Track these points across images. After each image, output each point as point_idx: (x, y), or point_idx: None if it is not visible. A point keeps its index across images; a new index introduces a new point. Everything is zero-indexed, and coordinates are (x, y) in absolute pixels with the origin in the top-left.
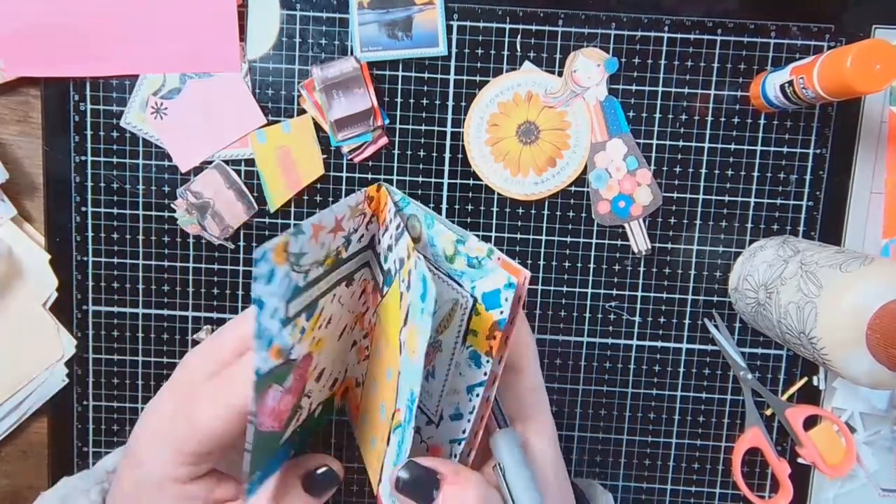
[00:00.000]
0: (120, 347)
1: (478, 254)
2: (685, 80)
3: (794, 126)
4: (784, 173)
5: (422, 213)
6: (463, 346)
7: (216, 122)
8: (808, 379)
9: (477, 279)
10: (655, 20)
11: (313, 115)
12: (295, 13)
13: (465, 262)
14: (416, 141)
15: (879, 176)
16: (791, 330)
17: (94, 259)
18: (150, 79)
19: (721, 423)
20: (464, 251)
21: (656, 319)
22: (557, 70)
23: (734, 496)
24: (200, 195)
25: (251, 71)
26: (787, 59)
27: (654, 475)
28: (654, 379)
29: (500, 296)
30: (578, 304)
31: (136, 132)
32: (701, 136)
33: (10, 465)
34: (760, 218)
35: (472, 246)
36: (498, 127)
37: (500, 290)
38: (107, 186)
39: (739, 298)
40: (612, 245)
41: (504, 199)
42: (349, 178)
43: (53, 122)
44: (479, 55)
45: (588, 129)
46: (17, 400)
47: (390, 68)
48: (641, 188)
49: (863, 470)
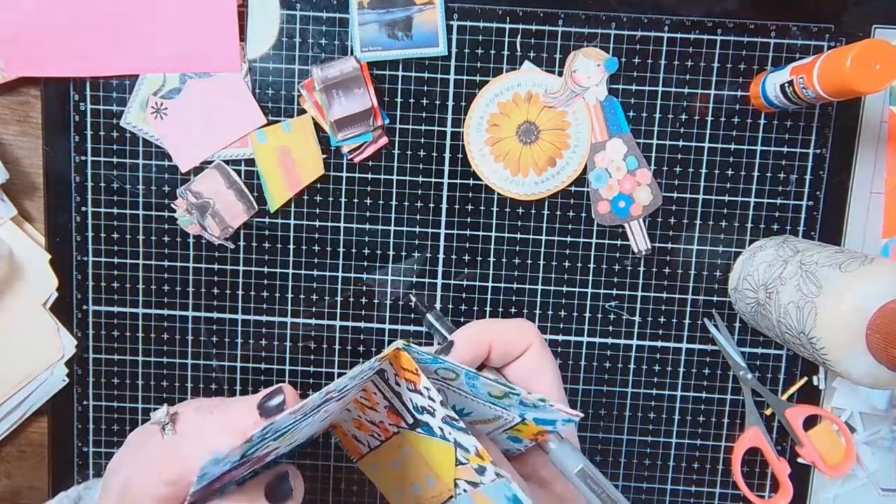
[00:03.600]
0: (120, 347)
1: (533, 399)
2: (685, 80)
3: (794, 126)
4: (784, 173)
5: (462, 370)
6: (503, 433)
7: (216, 122)
8: (808, 379)
9: (529, 411)
10: (655, 20)
11: (313, 115)
12: (295, 13)
13: (516, 402)
14: (416, 141)
15: (879, 176)
16: (791, 330)
17: (94, 259)
18: (150, 79)
19: (721, 423)
20: (517, 398)
21: (656, 319)
22: (557, 70)
23: (734, 496)
24: (200, 195)
25: (251, 71)
26: (787, 59)
27: (654, 475)
28: (654, 379)
29: (556, 424)
30: (578, 304)
31: (136, 132)
32: (701, 136)
33: (10, 465)
34: (760, 218)
35: (525, 396)
36: (498, 127)
37: (558, 421)
38: (107, 186)
39: (739, 298)
40: (612, 245)
41: (504, 199)
42: (349, 177)
43: (53, 122)
44: (479, 55)
45: (588, 129)
46: (17, 400)
47: (390, 68)
48: (641, 188)
49: (863, 470)
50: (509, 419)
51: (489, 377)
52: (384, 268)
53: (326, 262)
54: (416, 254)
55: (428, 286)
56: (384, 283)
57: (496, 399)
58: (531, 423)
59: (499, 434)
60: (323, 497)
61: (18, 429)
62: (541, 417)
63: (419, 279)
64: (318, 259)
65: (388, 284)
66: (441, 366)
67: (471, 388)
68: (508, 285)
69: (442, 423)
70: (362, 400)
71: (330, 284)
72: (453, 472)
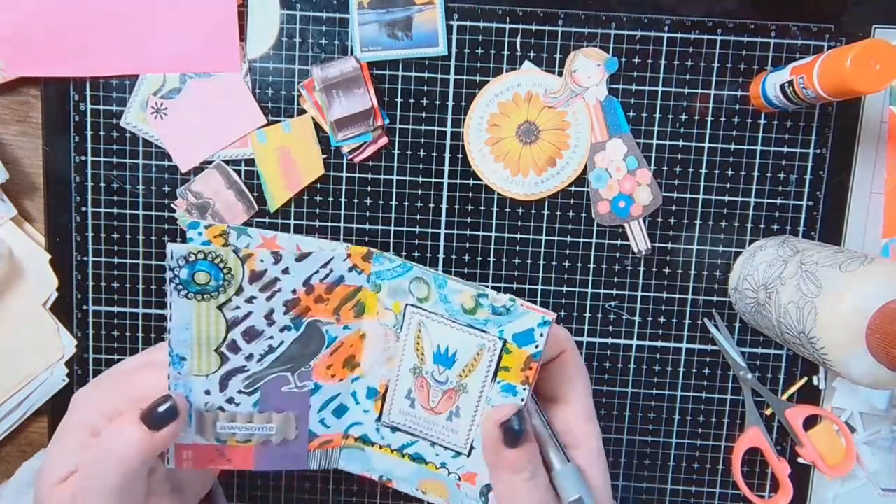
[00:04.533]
0: (120, 347)
1: (503, 301)
2: (685, 80)
3: (794, 126)
4: (784, 173)
5: (430, 274)
6: (493, 382)
7: (216, 122)
8: (808, 379)
9: (505, 324)
10: (655, 20)
11: (313, 115)
12: (295, 13)
13: (489, 312)
14: (416, 141)
15: (879, 176)
16: (791, 330)
17: (94, 259)
18: (150, 79)
19: (721, 423)
20: (487, 303)
21: (656, 319)
22: (557, 70)
23: (734, 496)
24: (200, 195)
25: (251, 71)
26: (787, 59)
27: (654, 475)
28: (654, 379)
29: (535, 333)
30: (578, 304)
31: (136, 132)
32: (701, 136)
33: (10, 465)
34: (760, 218)
35: (493, 297)
36: (498, 127)
37: (534, 328)
38: (107, 186)
39: (739, 298)
40: (612, 245)
41: (504, 199)
42: (349, 177)
43: (53, 122)
44: (479, 55)
45: (588, 129)
46: (17, 400)
47: (390, 68)
48: (641, 188)
49: (863, 470)
50: (492, 346)
51: (460, 282)
52: None
53: None
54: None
55: None
56: None
57: (471, 316)
58: (514, 348)
59: (492, 390)
60: (323, 497)
61: (18, 429)
62: (519, 332)
63: None
64: None
65: None
66: (412, 274)
67: (444, 304)
68: (508, 285)
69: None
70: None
71: None
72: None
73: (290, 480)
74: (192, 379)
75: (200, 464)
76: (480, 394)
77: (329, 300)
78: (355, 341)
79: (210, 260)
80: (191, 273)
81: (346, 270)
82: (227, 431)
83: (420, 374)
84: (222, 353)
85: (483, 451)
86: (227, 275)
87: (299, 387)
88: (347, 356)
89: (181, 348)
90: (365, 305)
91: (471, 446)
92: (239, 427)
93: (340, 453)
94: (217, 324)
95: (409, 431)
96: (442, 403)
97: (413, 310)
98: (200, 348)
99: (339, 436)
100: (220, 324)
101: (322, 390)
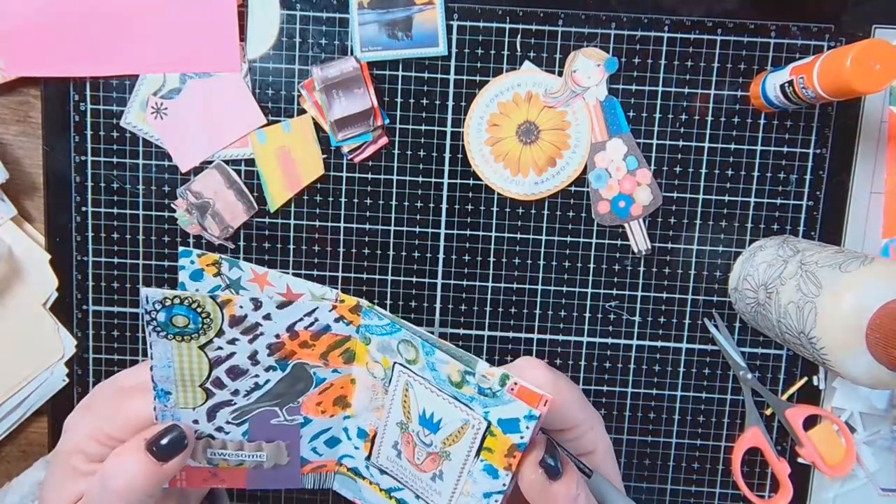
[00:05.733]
0: (120, 347)
1: (491, 382)
2: (685, 80)
3: (794, 126)
4: (784, 173)
5: (419, 340)
6: (476, 458)
7: (216, 122)
8: (808, 379)
9: (491, 407)
10: (655, 20)
11: (313, 115)
12: (295, 13)
13: (475, 391)
14: (416, 141)
15: (879, 176)
16: (791, 330)
17: (94, 259)
18: (150, 79)
19: (721, 423)
20: (473, 382)
21: (656, 319)
22: (557, 70)
23: (734, 496)
24: (200, 195)
25: (251, 71)
26: (787, 59)
27: (654, 475)
28: (654, 379)
29: (521, 424)
30: (578, 304)
31: (136, 132)
32: (701, 136)
33: (10, 465)
34: (760, 218)
35: (483, 371)
36: (498, 127)
37: (520, 419)
38: (107, 186)
39: (739, 298)
40: (612, 245)
41: (504, 199)
42: (349, 177)
43: (53, 122)
44: (479, 55)
45: (588, 129)
46: (17, 400)
47: (390, 68)
48: (641, 188)
49: (863, 470)
50: (476, 424)
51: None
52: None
53: (326, 262)
54: None
55: (428, 286)
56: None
57: (457, 389)
58: (499, 432)
59: (475, 465)
60: (323, 498)
61: (18, 429)
62: (504, 418)
63: (419, 279)
64: (318, 259)
65: (389, 285)
66: (401, 336)
67: (432, 371)
68: (508, 285)
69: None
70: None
71: (330, 285)
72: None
73: None
74: (179, 411)
75: (194, 483)
76: (463, 467)
77: (315, 346)
78: (346, 384)
79: (187, 305)
80: (168, 317)
81: (332, 321)
82: (217, 457)
83: (406, 430)
84: (207, 388)
85: (529, 496)
86: (206, 318)
87: (288, 420)
88: (338, 396)
89: (165, 384)
90: (354, 354)
91: None
92: (230, 454)
93: (335, 477)
94: (200, 362)
95: (395, 477)
96: (427, 463)
97: (401, 369)
98: (185, 384)
99: (332, 462)
100: (202, 362)
101: (313, 423)
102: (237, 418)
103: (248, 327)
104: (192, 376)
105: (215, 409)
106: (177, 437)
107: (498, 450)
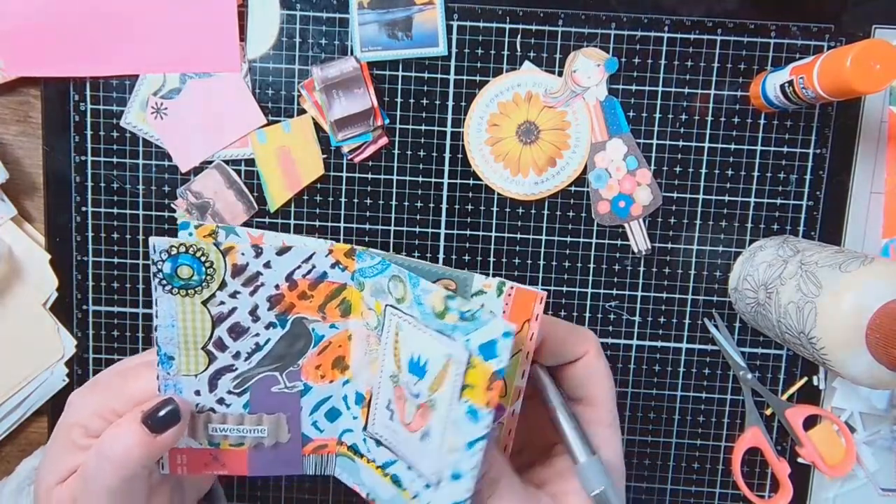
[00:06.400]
0: (120, 347)
1: (485, 288)
2: (685, 80)
3: (794, 126)
4: (784, 173)
5: (405, 273)
6: (459, 401)
7: (216, 122)
8: (808, 379)
9: (472, 331)
10: (655, 20)
11: (313, 115)
12: (295, 13)
13: (457, 317)
14: (416, 141)
15: (879, 176)
16: (791, 330)
17: (94, 259)
18: (150, 79)
19: (721, 423)
20: (455, 306)
21: (656, 319)
22: (557, 70)
23: (734, 496)
24: (200, 195)
25: (251, 71)
26: (787, 59)
27: (654, 475)
28: (654, 379)
29: (498, 346)
30: (578, 304)
31: (136, 132)
32: (701, 136)
33: (10, 465)
34: (760, 218)
35: (480, 284)
36: (498, 127)
37: (497, 340)
38: (107, 186)
39: (739, 298)
40: (612, 245)
41: (504, 199)
42: (349, 177)
43: (53, 122)
44: (479, 55)
45: (588, 129)
46: (17, 400)
47: (390, 68)
48: (641, 188)
49: (863, 470)
50: (458, 356)
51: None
52: None
53: None
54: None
55: None
56: None
57: (441, 320)
58: (479, 362)
59: (459, 410)
60: (323, 497)
61: (18, 429)
62: (484, 342)
63: None
64: None
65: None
66: (391, 272)
67: (418, 306)
68: None
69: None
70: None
71: None
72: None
73: (289, 480)
74: (182, 379)
75: (195, 469)
76: (447, 415)
77: (313, 297)
78: (343, 341)
79: (192, 253)
80: (174, 267)
81: (328, 266)
82: (218, 433)
83: (398, 383)
84: (209, 351)
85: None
86: (210, 268)
87: (289, 387)
88: (336, 357)
89: (168, 346)
90: (350, 304)
91: (439, 479)
92: (230, 429)
93: (336, 460)
94: (202, 320)
95: (389, 447)
96: (416, 420)
97: (392, 311)
98: (188, 346)
99: (333, 441)
100: (205, 320)
101: (312, 391)
102: (238, 386)
103: (250, 277)
104: (194, 336)
105: (217, 377)
106: (172, 410)
107: (479, 384)
